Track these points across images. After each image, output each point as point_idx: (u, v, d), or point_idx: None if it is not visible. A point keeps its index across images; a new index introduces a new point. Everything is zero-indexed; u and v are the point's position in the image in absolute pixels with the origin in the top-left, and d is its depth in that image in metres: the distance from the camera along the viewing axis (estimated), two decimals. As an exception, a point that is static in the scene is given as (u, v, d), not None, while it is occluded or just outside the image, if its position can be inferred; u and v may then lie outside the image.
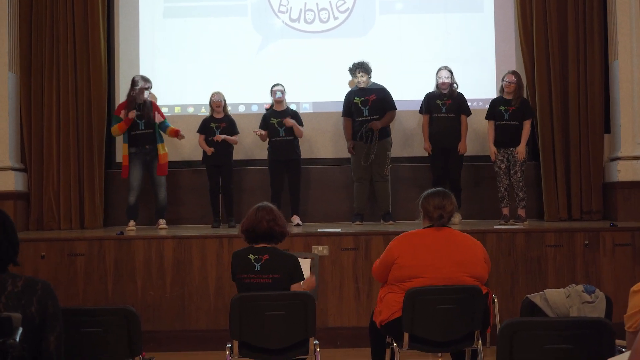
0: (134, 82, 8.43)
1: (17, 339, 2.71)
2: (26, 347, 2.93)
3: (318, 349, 4.62)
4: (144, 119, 8.30)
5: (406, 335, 4.62)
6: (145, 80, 8.43)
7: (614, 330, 3.34)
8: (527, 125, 8.25)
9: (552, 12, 8.71)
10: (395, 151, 8.81)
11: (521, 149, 8.16)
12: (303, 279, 4.91)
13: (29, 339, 2.97)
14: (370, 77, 8.56)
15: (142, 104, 8.29)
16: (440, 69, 8.47)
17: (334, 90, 9.08)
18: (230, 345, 4.57)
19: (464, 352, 4.99)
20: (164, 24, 9.37)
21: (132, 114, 8.20)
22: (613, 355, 3.29)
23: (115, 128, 8.32)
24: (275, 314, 4.49)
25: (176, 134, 8.43)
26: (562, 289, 4.24)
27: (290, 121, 8.43)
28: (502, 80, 8.37)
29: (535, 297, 4.25)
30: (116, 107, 8.63)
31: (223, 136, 8.46)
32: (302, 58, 9.27)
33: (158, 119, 8.38)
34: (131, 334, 4.03)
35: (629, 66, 8.37)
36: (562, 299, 4.14)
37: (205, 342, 6.98)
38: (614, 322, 3.71)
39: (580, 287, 4.19)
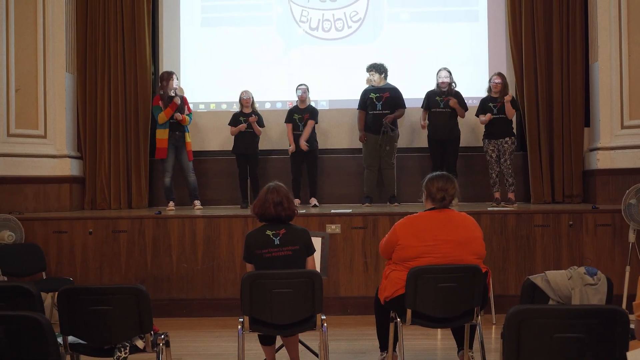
0: (161, 78, 7.81)
1: None
2: None
3: (325, 324, 3.87)
4: (178, 110, 7.65)
5: (409, 312, 3.90)
6: (169, 73, 7.79)
7: (628, 320, 2.51)
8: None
9: (539, 22, 8.00)
10: (401, 142, 8.08)
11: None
12: (314, 251, 4.20)
13: None
14: (385, 77, 7.82)
15: (174, 96, 7.67)
16: (440, 70, 7.78)
17: (347, 90, 8.38)
18: (242, 319, 3.83)
19: (464, 327, 4.25)
20: (201, 32, 8.70)
21: (178, 99, 7.60)
22: (627, 344, 2.48)
23: (162, 115, 7.60)
24: (283, 291, 3.75)
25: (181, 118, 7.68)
26: (563, 270, 3.41)
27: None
28: (490, 81, 7.69)
29: (537, 279, 3.43)
30: (153, 100, 7.93)
31: (253, 118, 7.76)
32: (320, 62, 8.58)
33: (186, 112, 7.75)
34: (141, 312, 3.28)
35: (608, 67, 7.54)
36: (564, 281, 3.32)
37: (232, 309, 6.35)
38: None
39: (582, 269, 3.36)
